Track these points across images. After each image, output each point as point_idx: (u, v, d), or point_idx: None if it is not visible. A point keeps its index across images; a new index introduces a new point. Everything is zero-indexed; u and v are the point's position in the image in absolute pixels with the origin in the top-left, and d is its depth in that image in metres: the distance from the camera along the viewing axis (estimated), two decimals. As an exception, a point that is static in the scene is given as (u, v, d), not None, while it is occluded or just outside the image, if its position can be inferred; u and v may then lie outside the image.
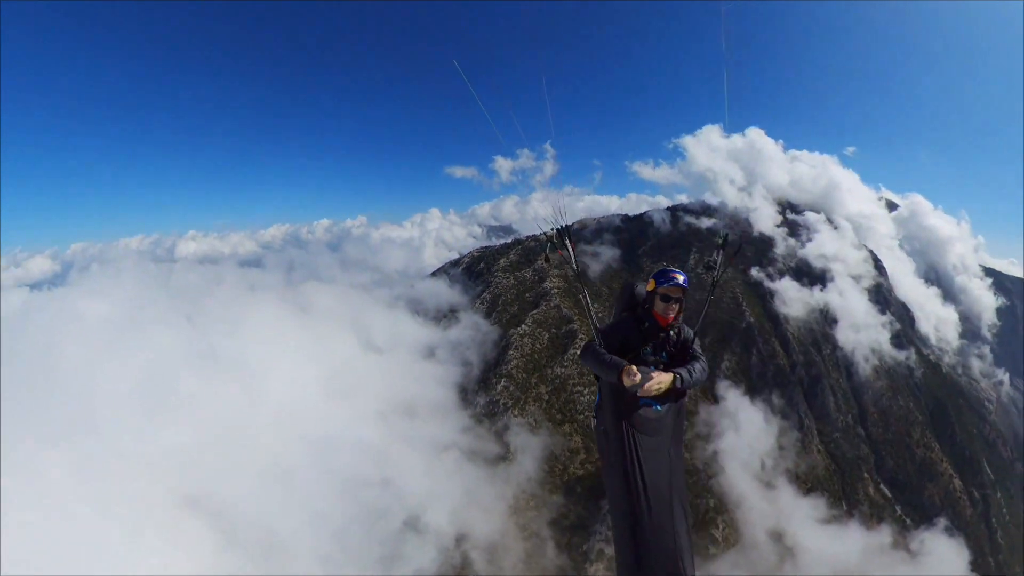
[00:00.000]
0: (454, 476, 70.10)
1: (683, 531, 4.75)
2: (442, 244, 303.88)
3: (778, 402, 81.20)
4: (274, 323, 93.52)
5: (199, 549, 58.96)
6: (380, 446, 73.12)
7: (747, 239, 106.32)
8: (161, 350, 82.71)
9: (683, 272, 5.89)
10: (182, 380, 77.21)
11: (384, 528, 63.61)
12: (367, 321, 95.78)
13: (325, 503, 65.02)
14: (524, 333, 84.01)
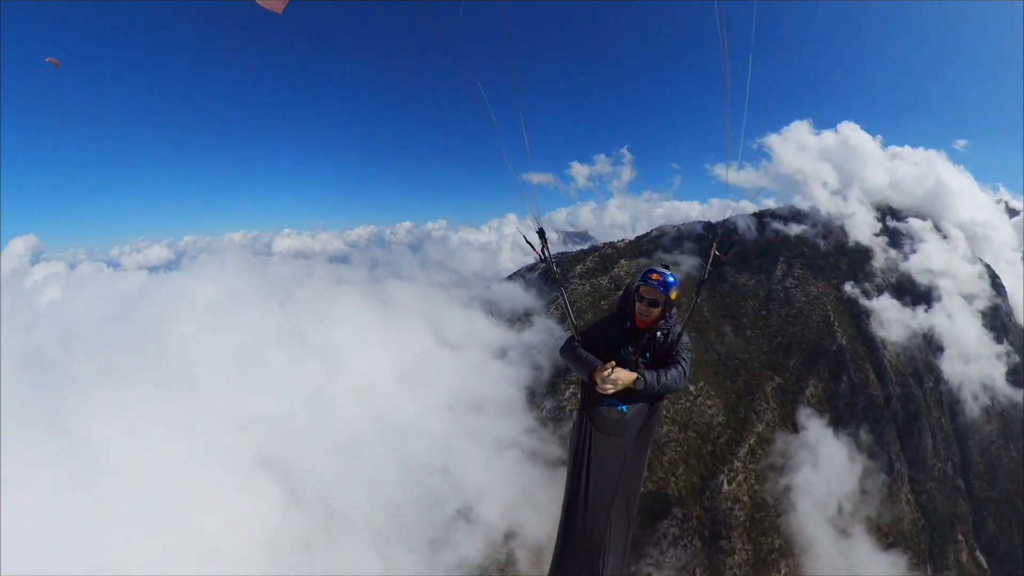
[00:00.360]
0: (512, 474, 69.88)
1: (618, 532, 4.82)
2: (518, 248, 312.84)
3: (866, 439, 72.76)
4: (357, 314, 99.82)
5: (268, 505, 64.15)
6: (445, 437, 74.77)
7: (841, 249, 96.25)
8: (256, 330, 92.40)
9: (671, 274, 5.54)
10: (272, 357, 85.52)
11: (438, 514, 64.81)
12: (443, 318, 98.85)
13: (386, 482, 67.74)
14: None
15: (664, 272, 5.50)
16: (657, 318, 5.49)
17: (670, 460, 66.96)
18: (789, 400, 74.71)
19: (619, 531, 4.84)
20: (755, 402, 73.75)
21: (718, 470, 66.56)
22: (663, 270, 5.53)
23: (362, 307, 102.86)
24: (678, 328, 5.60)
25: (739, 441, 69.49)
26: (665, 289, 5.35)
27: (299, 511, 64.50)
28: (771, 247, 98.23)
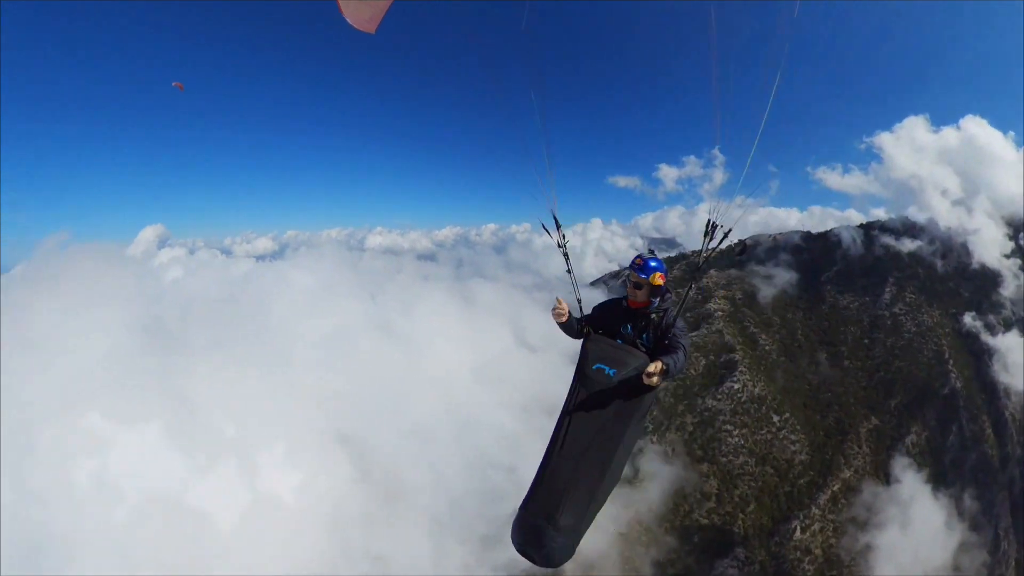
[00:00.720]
0: None
1: (584, 486, 5.13)
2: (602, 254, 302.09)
3: (971, 505, 61.55)
4: (441, 309, 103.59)
5: (339, 477, 68.16)
6: (515, 435, 74.63)
7: (963, 272, 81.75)
8: (347, 317, 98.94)
9: (653, 260, 5.97)
10: (360, 342, 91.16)
11: (496, 511, 64.16)
12: (524, 320, 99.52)
13: (451, 471, 69.20)
14: None
15: (647, 258, 5.97)
16: (644, 300, 5.95)
17: (741, 495, 62.89)
18: (885, 447, 66.72)
19: (586, 486, 5.15)
20: (845, 444, 67.08)
21: (792, 514, 61.00)
22: (647, 255, 6.03)
23: (446, 303, 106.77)
24: (673, 313, 5.95)
25: (821, 486, 63.36)
26: (644, 273, 5.80)
27: (365, 487, 67.66)
28: (879, 265, 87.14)
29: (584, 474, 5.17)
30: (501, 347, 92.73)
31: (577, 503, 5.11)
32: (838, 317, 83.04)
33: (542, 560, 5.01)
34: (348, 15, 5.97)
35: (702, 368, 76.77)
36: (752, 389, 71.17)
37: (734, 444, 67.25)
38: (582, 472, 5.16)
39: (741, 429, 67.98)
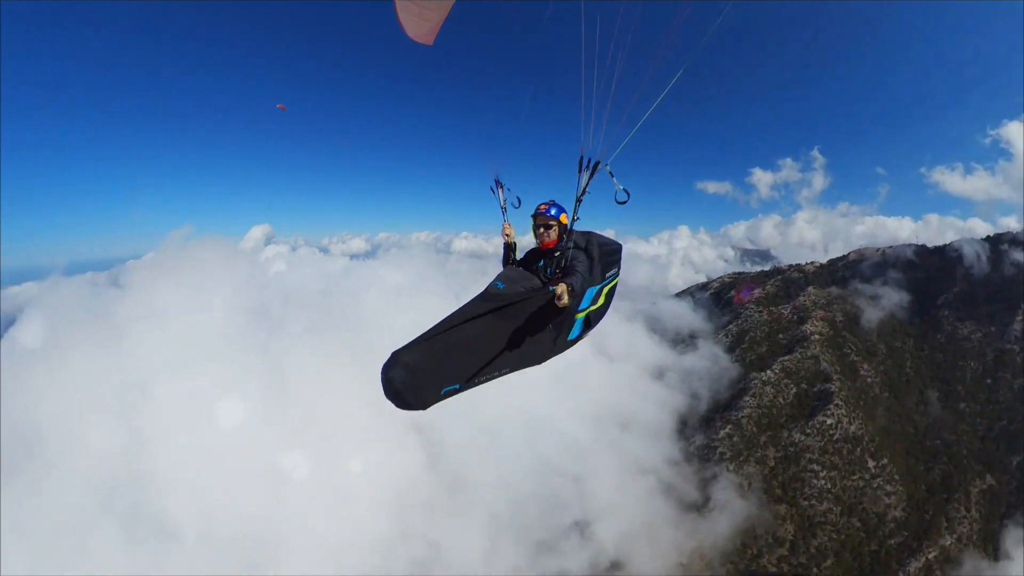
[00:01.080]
0: (641, 503, 66.93)
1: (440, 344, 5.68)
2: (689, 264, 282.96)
3: None
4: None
5: (408, 463, 71.17)
6: (584, 445, 74.06)
7: None
8: (433, 314, 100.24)
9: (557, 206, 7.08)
10: None
11: (554, 518, 65.12)
12: (604, 328, 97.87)
13: (516, 472, 69.79)
14: (768, 380, 73.22)
15: (552, 203, 7.12)
16: (555, 239, 7.07)
17: (819, 546, 58.04)
18: (999, 514, 58.73)
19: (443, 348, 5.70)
20: (950, 504, 59.42)
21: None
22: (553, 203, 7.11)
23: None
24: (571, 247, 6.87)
25: (915, 550, 56.47)
26: (555, 213, 7.00)
27: (432, 475, 70.12)
28: (1009, 288, 75.30)
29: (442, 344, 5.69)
30: (579, 353, 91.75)
31: (429, 353, 5.61)
32: (956, 349, 73.66)
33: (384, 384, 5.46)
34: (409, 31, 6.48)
35: (792, 397, 71.26)
36: (847, 427, 65.14)
37: (819, 487, 61.95)
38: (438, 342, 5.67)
39: (829, 471, 62.49)
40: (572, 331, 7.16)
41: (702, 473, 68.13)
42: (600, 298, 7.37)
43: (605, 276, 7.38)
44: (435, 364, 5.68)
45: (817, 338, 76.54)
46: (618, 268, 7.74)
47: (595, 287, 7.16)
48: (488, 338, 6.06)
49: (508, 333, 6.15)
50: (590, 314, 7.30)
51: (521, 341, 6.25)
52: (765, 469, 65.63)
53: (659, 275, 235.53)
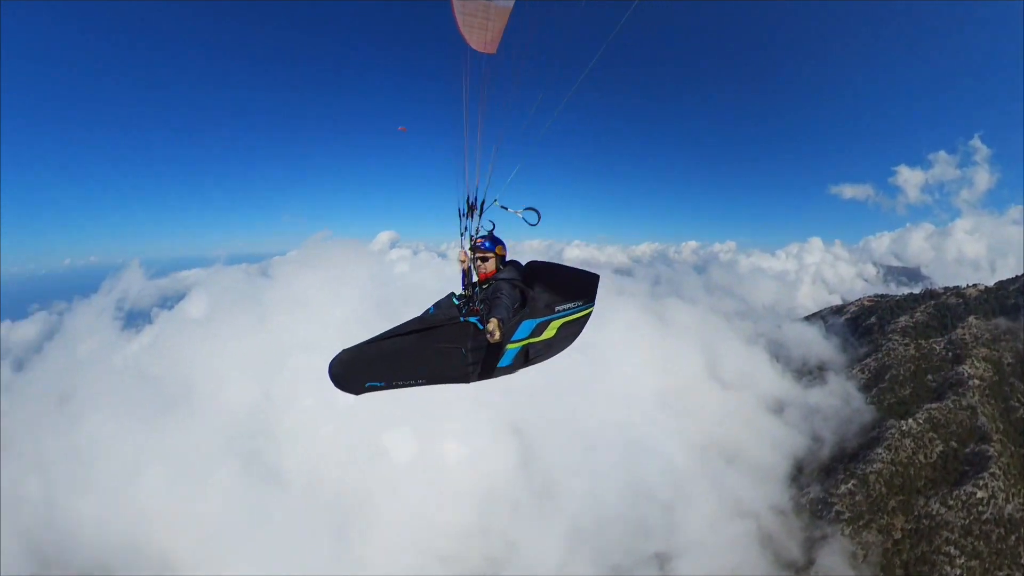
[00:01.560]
0: (733, 548, 61.40)
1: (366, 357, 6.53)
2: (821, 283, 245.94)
3: None
4: (634, 325, 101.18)
5: (502, 460, 71.97)
6: (683, 473, 70.03)
7: None
8: None
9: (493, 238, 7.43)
10: None
11: (636, 543, 62.26)
12: (720, 350, 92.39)
13: (607, 489, 67.61)
14: (908, 431, 62.27)
15: (488, 235, 7.44)
16: (492, 270, 7.36)
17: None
18: None
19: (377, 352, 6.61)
20: None
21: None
22: (491, 236, 7.43)
23: (639, 320, 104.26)
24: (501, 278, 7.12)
25: None
26: (489, 245, 7.31)
27: (523, 477, 70.13)
28: None
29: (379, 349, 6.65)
30: (690, 375, 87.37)
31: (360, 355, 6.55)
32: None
33: (328, 370, 6.50)
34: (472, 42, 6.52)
35: (935, 456, 60.69)
36: (1002, 505, 53.00)
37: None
38: (380, 348, 6.64)
39: (969, 559, 51.33)
40: (501, 359, 7.28)
41: (810, 530, 60.82)
42: (546, 331, 7.41)
43: (555, 309, 7.40)
44: (363, 364, 6.68)
45: (976, 384, 63.82)
46: (583, 302, 7.57)
47: (535, 319, 7.29)
48: (411, 352, 6.85)
49: (428, 351, 6.88)
50: (529, 346, 7.39)
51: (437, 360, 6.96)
52: (888, 541, 56.18)
53: (786, 294, 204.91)
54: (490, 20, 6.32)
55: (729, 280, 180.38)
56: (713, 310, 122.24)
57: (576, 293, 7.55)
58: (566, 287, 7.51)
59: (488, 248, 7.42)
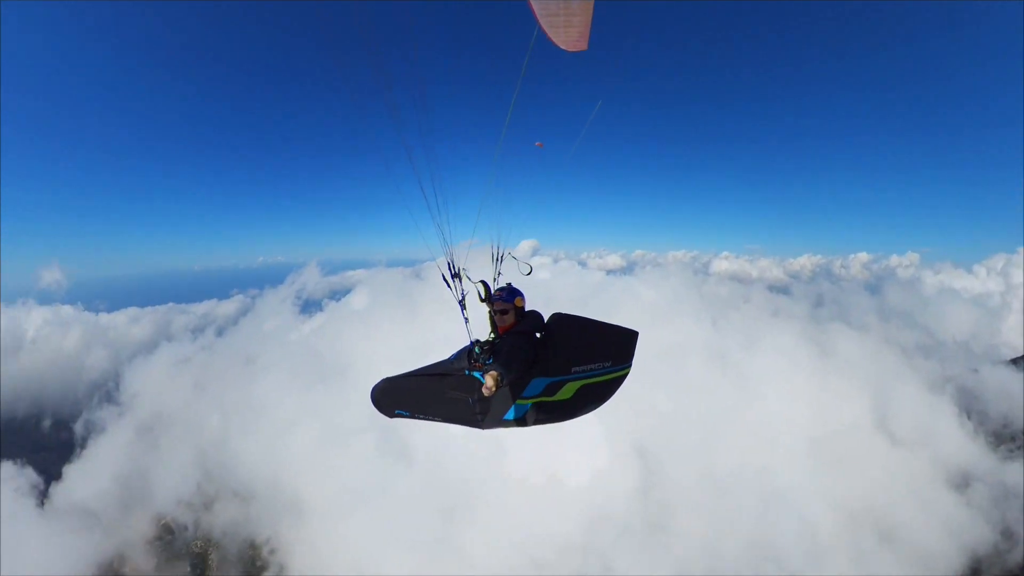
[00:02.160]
0: None
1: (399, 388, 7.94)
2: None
3: None
4: (788, 353, 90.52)
5: (620, 483, 68.55)
6: (822, 540, 60.81)
7: None
8: (684, 337, 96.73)
9: (510, 290, 7.59)
10: (690, 365, 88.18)
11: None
12: (893, 395, 77.86)
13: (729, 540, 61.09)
14: None
15: (506, 288, 7.69)
16: (512, 322, 7.41)
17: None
18: None
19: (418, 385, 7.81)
20: None
21: None
22: (506, 289, 7.65)
23: (796, 347, 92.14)
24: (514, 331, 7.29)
25: None
26: (509, 299, 7.42)
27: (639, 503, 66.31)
28: None
29: (409, 384, 7.82)
30: (852, 422, 75.45)
31: (395, 386, 7.90)
32: None
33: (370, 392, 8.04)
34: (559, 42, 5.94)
35: None
36: None
37: None
38: (410, 383, 7.81)
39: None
40: (507, 412, 7.53)
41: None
42: (561, 392, 7.26)
43: (573, 370, 7.15)
44: (396, 394, 7.88)
45: None
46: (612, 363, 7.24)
47: (548, 378, 7.17)
48: (430, 393, 7.68)
49: (442, 396, 7.62)
50: (540, 404, 7.39)
51: (450, 405, 7.62)
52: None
53: (987, 325, 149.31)
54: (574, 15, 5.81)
55: (910, 304, 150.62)
56: (888, 342, 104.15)
57: (603, 353, 7.20)
58: (591, 346, 7.17)
59: (506, 300, 7.36)
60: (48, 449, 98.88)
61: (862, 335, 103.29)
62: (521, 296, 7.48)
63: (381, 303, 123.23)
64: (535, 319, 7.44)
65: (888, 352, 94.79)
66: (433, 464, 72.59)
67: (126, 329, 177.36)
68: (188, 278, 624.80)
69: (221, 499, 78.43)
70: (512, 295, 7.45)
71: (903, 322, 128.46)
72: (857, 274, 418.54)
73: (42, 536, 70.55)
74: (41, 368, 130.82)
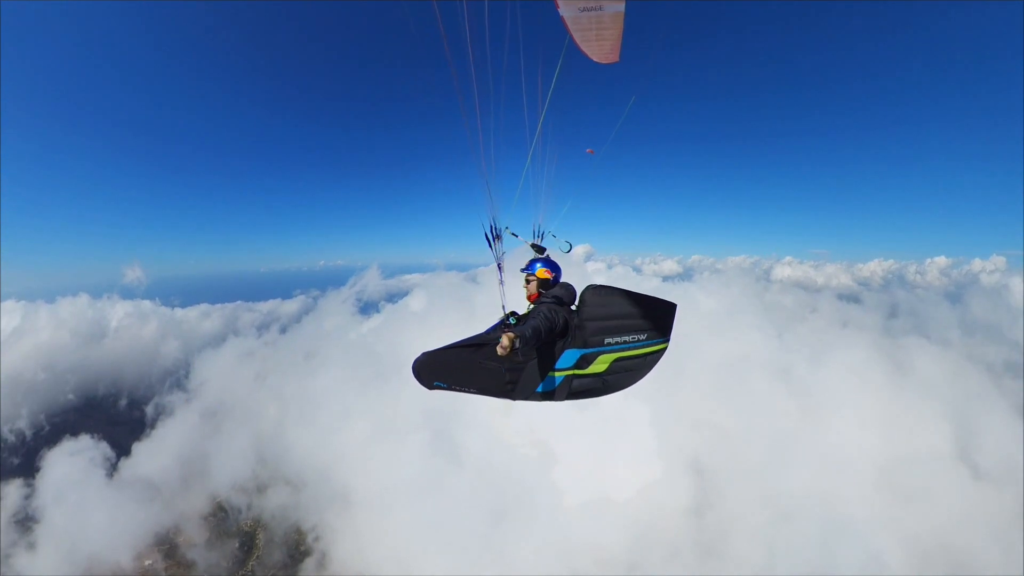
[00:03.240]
0: None
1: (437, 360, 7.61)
2: None
3: None
4: (860, 370, 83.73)
5: (672, 502, 65.84)
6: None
7: None
8: (747, 349, 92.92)
9: (537, 261, 8.10)
10: (753, 379, 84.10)
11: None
12: (978, 420, 70.86)
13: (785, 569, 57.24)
14: None
15: (532, 259, 8.17)
16: (535, 293, 8.03)
17: None
18: None
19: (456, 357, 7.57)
20: None
21: None
22: (536, 259, 8.16)
23: (868, 362, 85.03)
24: (544, 302, 7.55)
25: None
26: (529, 269, 8.09)
27: (691, 524, 63.71)
28: None
29: (447, 356, 7.55)
30: (930, 449, 69.18)
31: (434, 358, 7.57)
32: None
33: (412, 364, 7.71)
34: (592, 55, 6.37)
35: None
36: None
37: None
38: (447, 355, 7.55)
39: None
40: (540, 384, 7.57)
41: None
42: (594, 364, 7.29)
43: (606, 341, 7.22)
44: (434, 366, 7.63)
45: None
46: (648, 335, 7.33)
47: (579, 350, 7.24)
48: (466, 364, 7.54)
49: (476, 366, 7.48)
50: (573, 377, 7.43)
51: (483, 375, 7.56)
52: None
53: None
54: (605, 28, 6.07)
55: (997, 315, 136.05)
56: (972, 359, 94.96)
57: (639, 325, 7.28)
58: (625, 317, 7.25)
59: (529, 271, 8.07)
60: (122, 424, 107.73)
61: (943, 351, 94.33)
62: (548, 268, 7.92)
63: (438, 305, 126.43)
64: (565, 290, 7.69)
65: (972, 371, 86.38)
66: (483, 466, 72.57)
67: (197, 323, 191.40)
68: (255, 278, 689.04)
69: (273, 484, 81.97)
70: (537, 265, 7.98)
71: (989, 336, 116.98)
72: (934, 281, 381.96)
73: (108, 504, 77.02)
74: (121, 354, 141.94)
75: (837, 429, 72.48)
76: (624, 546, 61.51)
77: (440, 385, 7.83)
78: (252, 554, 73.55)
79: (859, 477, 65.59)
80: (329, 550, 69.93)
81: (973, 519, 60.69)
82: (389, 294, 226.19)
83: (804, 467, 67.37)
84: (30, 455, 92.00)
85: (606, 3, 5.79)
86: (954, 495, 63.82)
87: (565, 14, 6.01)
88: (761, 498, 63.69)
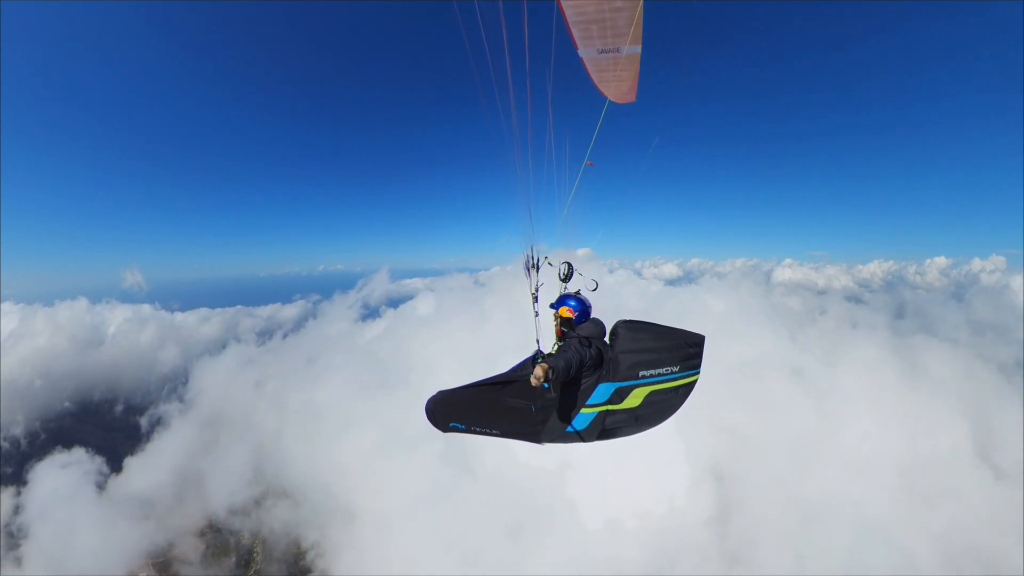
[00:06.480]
0: None
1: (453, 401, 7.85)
2: None
3: None
4: (872, 369, 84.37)
5: (692, 510, 64.65)
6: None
7: None
8: (761, 351, 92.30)
9: (561, 299, 8.03)
10: (768, 381, 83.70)
11: None
12: (996, 420, 71.05)
13: None
14: None
15: (561, 296, 8.13)
16: (559, 330, 7.99)
17: None
18: None
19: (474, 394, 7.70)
20: None
21: None
22: (563, 295, 8.11)
23: (881, 362, 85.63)
24: (573, 336, 7.46)
25: None
26: (556, 304, 8.03)
27: (714, 533, 62.40)
28: None
29: (464, 396, 7.77)
30: (949, 448, 68.86)
31: (450, 399, 7.81)
32: None
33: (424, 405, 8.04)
34: (610, 95, 6.65)
35: None
36: None
37: None
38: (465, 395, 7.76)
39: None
40: (572, 423, 7.28)
41: None
42: (629, 398, 7.17)
43: (641, 375, 7.12)
44: (451, 407, 7.77)
45: None
46: (680, 367, 7.28)
47: (615, 383, 7.12)
48: (489, 404, 7.54)
49: (502, 406, 7.44)
50: (607, 413, 7.22)
51: (509, 415, 7.45)
52: None
53: None
54: (623, 70, 6.21)
55: (1000, 313, 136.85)
56: (983, 358, 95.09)
57: (672, 357, 7.22)
58: (658, 351, 7.18)
59: (553, 307, 8.03)
60: (117, 431, 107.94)
61: (953, 350, 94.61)
62: (571, 307, 7.82)
63: (446, 309, 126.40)
64: (595, 326, 7.66)
65: (985, 370, 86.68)
66: (497, 478, 70.56)
67: (197, 328, 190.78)
68: (255, 283, 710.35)
69: (272, 499, 79.58)
70: (561, 303, 7.98)
71: (997, 335, 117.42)
72: (934, 281, 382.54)
73: (100, 518, 75.51)
74: (119, 360, 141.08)
75: (855, 430, 72.38)
76: (647, 558, 60.21)
77: (457, 427, 7.83)
78: (250, 570, 71.34)
79: (882, 478, 65.31)
80: (331, 567, 67.74)
81: (999, 519, 60.49)
82: (389, 299, 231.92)
83: (826, 469, 67.27)
84: (24, 463, 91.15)
85: (624, 45, 6.00)
86: (979, 495, 63.61)
87: (584, 56, 6.29)
88: (785, 502, 63.15)
